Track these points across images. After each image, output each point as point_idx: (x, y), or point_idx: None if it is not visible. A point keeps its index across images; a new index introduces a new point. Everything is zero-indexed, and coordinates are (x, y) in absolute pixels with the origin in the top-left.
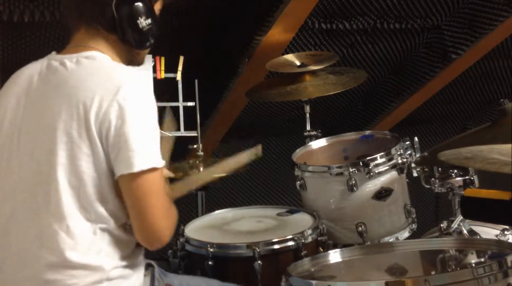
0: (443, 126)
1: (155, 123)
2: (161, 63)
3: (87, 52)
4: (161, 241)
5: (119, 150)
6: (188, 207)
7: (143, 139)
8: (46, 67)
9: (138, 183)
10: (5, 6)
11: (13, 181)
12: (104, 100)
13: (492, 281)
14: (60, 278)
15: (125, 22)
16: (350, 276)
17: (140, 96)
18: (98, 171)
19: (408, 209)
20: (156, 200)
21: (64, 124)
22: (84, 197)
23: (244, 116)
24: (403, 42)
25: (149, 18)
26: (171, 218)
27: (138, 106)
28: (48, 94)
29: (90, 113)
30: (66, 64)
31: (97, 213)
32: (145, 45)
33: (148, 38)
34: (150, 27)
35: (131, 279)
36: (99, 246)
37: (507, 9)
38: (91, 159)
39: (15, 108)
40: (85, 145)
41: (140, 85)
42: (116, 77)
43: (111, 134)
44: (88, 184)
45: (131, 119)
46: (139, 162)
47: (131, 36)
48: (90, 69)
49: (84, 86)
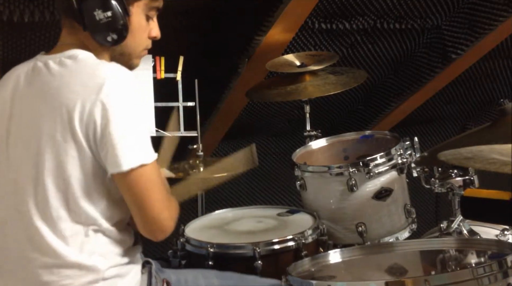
0: (443, 126)
1: (140, 118)
2: (161, 63)
3: (69, 51)
4: (165, 232)
5: (107, 150)
6: (188, 207)
7: (129, 136)
8: (32, 69)
9: (131, 180)
10: (5, 6)
11: (3, 184)
12: (87, 101)
13: (492, 281)
14: (55, 279)
15: (84, 13)
16: (350, 276)
17: (123, 93)
18: (85, 172)
19: (408, 209)
20: (154, 193)
21: (49, 128)
22: (72, 199)
23: (244, 116)
24: (403, 42)
25: (109, 10)
26: (173, 207)
27: (121, 103)
28: (33, 97)
29: (73, 116)
30: (50, 65)
31: (87, 214)
32: (106, 40)
33: (107, 32)
34: (110, 21)
35: (128, 278)
36: (92, 248)
37: (507, 9)
38: (77, 161)
39: (1, 111)
40: (70, 148)
41: (124, 80)
42: (98, 76)
43: (98, 135)
44: (76, 186)
45: (115, 117)
46: (127, 160)
47: (91, 29)
48: (72, 70)
49: (67, 89)
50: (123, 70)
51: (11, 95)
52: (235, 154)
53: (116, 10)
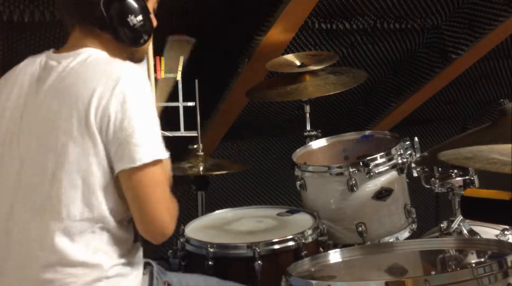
0: (443, 126)
1: (153, 114)
2: (161, 63)
3: (82, 49)
4: (165, 235)
5: (119, 144)
6: (188, 207)
7: (145, 131)
8: (44, 66)
9: (140, 176)
10: (5, 6)
11: (12, 180)
12: (103, 95)
13: (492, 281)
14: (58, 277)
15: (115, 21)
16: (350, 276)
17: (139, 89)
18: (100, 168)
19: (408, 209)
20: (158, 193)
21: (65, 124)
22: (87, 196)
23: (244, 116)
24: (403, 42)
25: (139, 15)
26: (174, 210)
27: (137, 99)
28: (47, 94)
29: (89, 110)
30: (63, 63)
31: (99, 210)
32: (139, 42)
33: (141, 35)
34: (142, 24)
35: (130, 277)
36: (97, 245)
37: (507, 9)
38: (93, 157)
39: (13, 107)
40: (86, 143)
41: (139, 77)
42: (113, 71)
43: (111, 129)
44: (91, 182)
45: (132, 112)
46: (142, 155)
47: (123, 34)
48: (87, 66)
49: (82, 84)
50: (137, 68)
51: (23, 93)
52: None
53: (144, 12)
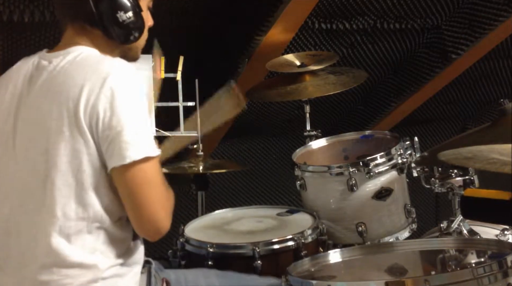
0: (443, 126)
1: (144, 112)
2: (161, 63)
3: (74, 47)
4: (160, 232)
5: (110, 142)
6: (188, 207)
7: (135, 129)
8: (36, 66)
9: (131, 174)
10: (5, 6)
11: (10, 182)
12: (92, 92)
13: (492, 281)
14: (55, 279)
15: (104, 17)
16: (350, 276)
17: (128, 86)
18: (93, 167)
19: (408, 209)
20: (152, 190)
21: (56, 123)
22: (81, 194)
23: (244, 116)
24: (403, 42)
25: (129, 11)
26: (169, 207)
27: (127, 95)
28: (39, 94)
29: (79, 108)
30: (54, 62)
31: (94, 209)
32: (129, 39)
33: (131, 32)
34: (132, 21)
35: (127, 277)
36: (94, 245)
37: (507, 9)
38: (85, 155)
39: (8, 108)
40: (78, 142)
41: (128, 74)
42: (102, 69)
43: (100, 126)
44: (84, 181)
45: (121, 109)
46: (131, 152)
47: (113, 31)
48: (77, 64)
49: (72, 82)
50: (127, 65)
51: (17, 94)
52: (214, 98)
53: (135, 9)
